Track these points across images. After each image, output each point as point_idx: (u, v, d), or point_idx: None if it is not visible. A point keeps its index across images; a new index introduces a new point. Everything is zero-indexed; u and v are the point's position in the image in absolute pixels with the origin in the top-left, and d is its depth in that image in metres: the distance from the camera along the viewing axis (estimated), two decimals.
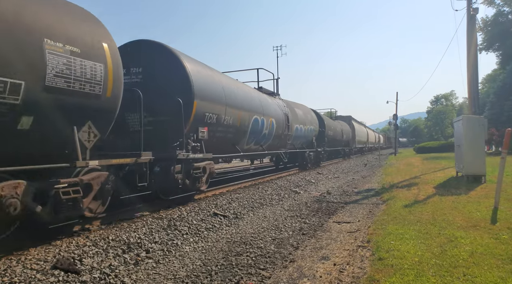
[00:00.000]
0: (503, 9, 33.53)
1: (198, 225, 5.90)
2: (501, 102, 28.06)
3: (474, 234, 4.76)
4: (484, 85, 41.93)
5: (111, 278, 3.72)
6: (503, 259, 3.80)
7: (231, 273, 3.98)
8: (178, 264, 4.29)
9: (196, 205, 7.20)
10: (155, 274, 3.98)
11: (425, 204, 7.16)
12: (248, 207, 7.66)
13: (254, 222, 6.57)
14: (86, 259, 4.03)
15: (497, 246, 4.24)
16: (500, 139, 23.36)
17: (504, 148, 6.64)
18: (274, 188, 10.23)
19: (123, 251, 4.47)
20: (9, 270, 3.56)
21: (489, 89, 35.78)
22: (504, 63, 33.15)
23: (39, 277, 3.52)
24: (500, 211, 6.03)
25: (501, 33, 32.56)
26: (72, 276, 3.61)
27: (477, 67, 15.53)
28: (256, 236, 5.53)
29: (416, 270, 3.58)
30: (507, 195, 7.29)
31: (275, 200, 8.81)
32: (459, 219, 5.70)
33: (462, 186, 9.03)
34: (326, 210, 7.68)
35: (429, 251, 4.18)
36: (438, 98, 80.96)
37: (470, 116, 11.42)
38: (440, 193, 8.38)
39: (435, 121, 74.46)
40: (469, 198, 7.50)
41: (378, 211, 7.24)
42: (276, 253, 4.72)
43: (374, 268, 3.79)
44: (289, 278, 3.82)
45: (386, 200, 8.35)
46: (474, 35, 15.70)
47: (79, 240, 4.61)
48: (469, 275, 3.42)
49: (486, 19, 34.30)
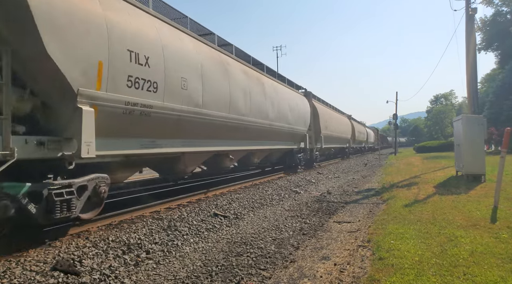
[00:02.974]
0: (502, 9, 33.63)
1: (198, 226, 5.89)
2: (500, 101, 28.09)
3: (474, 233, 4.76)
4: (483, 84, 41.99)
5: (111, 279, 3.72)
6: (503, 258, 3.80)
7: (231, 273, 3.97)
8: (179, 265, 4.29)
9: (197, 205, 7.20)
10: (155, 275, 3.97)
11: (425, 204, 7.16)
12: (249, 208, 7.66)
13: (254, 222, 6.57)
14: (86, 260, 4.02)
15: (497, 245, 4.24)
16: (499, 138, 23.36)
17: (503, 147, 6.65)
18: (275, 188, 10.23)
19: (123, 252, 4.46)
20: (8, 272, 3.55)
21: (488, 89, 35.81)
22: (503, 62, 33.19)
23: (38, 278, 3.51)
24: (500, 210, 6.03)
25: (500, 33, 32.61)
26: (72, 278, 3.60)
27: (476, 66, 15.56)
28: (257, 237, 5.53)
29: (417, 270, 3.58)
30: (507, 194, 7.30)
31: (276, 200, 8.81)
32: (459, 218, 5.71)
33: (462, 186, 9.03)
34: (326, 210, 7.68)
35: (429, 250, 4.18)
36: (437, 98, 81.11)
37: (469, 116, 11.43)
38: (440, 193, 8.38)
39: (434, 121, 74.51)
40: (469, 197, 7.50)
41: (379, 210, 7.24)
42: (277, 253, 4.71)
43: (374, 267, 3.79)
44: (289, 278, 3.81)
45: (386, 200, 8.35)
46: (473, 35, 15.72)
47: (79, 241, 4.61)
48: (469, 274, 3.42)
49: (484, 19, 34.38)
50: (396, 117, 43.49)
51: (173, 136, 6.72)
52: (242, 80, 9.38)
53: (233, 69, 8.99)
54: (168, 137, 6.59)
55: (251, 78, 10.21)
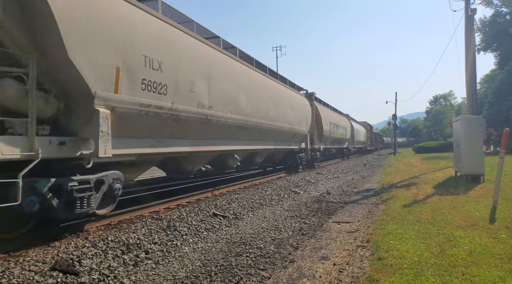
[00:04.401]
0: (501, 9, 33.70)
1: (197, 226, 5.89)
2: (499, 102, 28.16)
3: (473, 234, 4.77)
4: (482, 85, 42.07)
5: (110, 279, 3.71)
6: (501, 258, 3.81)
7: (230, 273, 3.97)
8: (178, 265, 4.28)
9: (196, 205, 7.20)
10: (154, 275, 3.97)
11: (424, 204, 7.17)
12: (248, 208, 7.66)
13: (253, 222, 6.57)
14: (85, 260, 4.02)
15: (495, 245, 4.25)
16: (498, 139, 23.42)
17: (502, 148, 6.67)
18: (274, 188, 10.23)
19: (122, 252, 4.46)
20: (7, 272, 3.55)
21: (487, 89, 35.88)
22: (502, 63, 33.25)
23: (37, 278, 3.51)
24: (499, 210, 6.04)
25: (499, 34, 32.67)
26: (70, 278, 3.60)
27: (475, 67, 15.57)
28: (256, 237, 5.53)
29: (416, 270, 3.58)
30: (506, 195, 7.32)
31: (275, 201, 8.81)
32: (458, 218, 5.71)
33: (461, 186, 9.05)
34: (325, 210, 7.68)
35: (428, 250, 4.18)
36: (437, 98, 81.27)
37: (468, 116, 11.46)
38: (439, 193, 8.39)
39: (434, 121, 74.63)
40: (468, 198, 7.52)
41: (378, 211, 7.25)
42: (276, 253, 4.71)
43: (373, 268, 3.79)
44: (288, 278, 3.82)
45: (385, 200, 8.36)
46: (472, 36, 15.74)
47: (78, 241, 4.60)
48: (468, 274, 3.42)
49: (484, 20, 34.45)
50: (396, 117, 43.53)
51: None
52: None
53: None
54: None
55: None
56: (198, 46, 7.38)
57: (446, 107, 76.69)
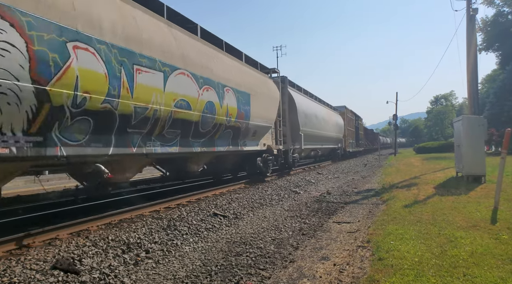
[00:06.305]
0: (503, 9, 33.56)
1: (198, 225, 5.89)
2: (500, 102, 28.07)
3: (474, 234, 4.76)
4: (483, 85, 41.96)
5: (111, 278, 3.72)
6: (503, 259, 3.80)
7: (231, 273, 3.97)
8: (178, 264, 4.29)
9: (196, 205, 7.20)
10: (154, 274, 3.97)
11: (425, 204, 7.15)
12: (248, 207, 7.66)
13: (254, 222, 6.57)
14: (85, 259, 4.02)
15: (497, 246, 4.23)
16: (499, 139, 23.35)
17: (503, 148, 6.64)
18: (274, 188, 10.22)
19: (123, 251, 4.46)
20: (8, 270, 3.55)
21: (488, 89, 35.79)
22: (504, 63, 33.15)
23: (38, 277, 3.51)
24: (500, 211, 6.03)
25: (501, 33, 32.55)
26: (71, 276, 3.60)
27: (476, 67, 15.52)
28: (256, 236, 5.53)
29: (416, 270, 3.57)
30: (507, 195, 7.29)
31: (275, 200, 8.81)
32: (459, 219, 5.70)
33: (462, 186, 9.02)
34: (326, 210, 7.67)
35: (429, 251, 4.17)
36: (438, 98, 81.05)
37: (470, 116, 11.42)
38: (440, 193, 8.37)
39: (435, 121, 74.51)
40: (469, 198, 7.50)
41: (378, 211, 7.24)
42: (276, 253, 4.71)
43: (374, 268, 3.79)
44: (289, 278, 3.81)
45: (386, 200, 8.35)
46: (474, 36, 15.69)
47: (79, 240, 4.61)
48: (469, 275, 3.41)
49: (486, 20, 34.32)
50: (396, 117, 43.46)
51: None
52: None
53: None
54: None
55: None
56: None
57: (447, 107, 76.54)
